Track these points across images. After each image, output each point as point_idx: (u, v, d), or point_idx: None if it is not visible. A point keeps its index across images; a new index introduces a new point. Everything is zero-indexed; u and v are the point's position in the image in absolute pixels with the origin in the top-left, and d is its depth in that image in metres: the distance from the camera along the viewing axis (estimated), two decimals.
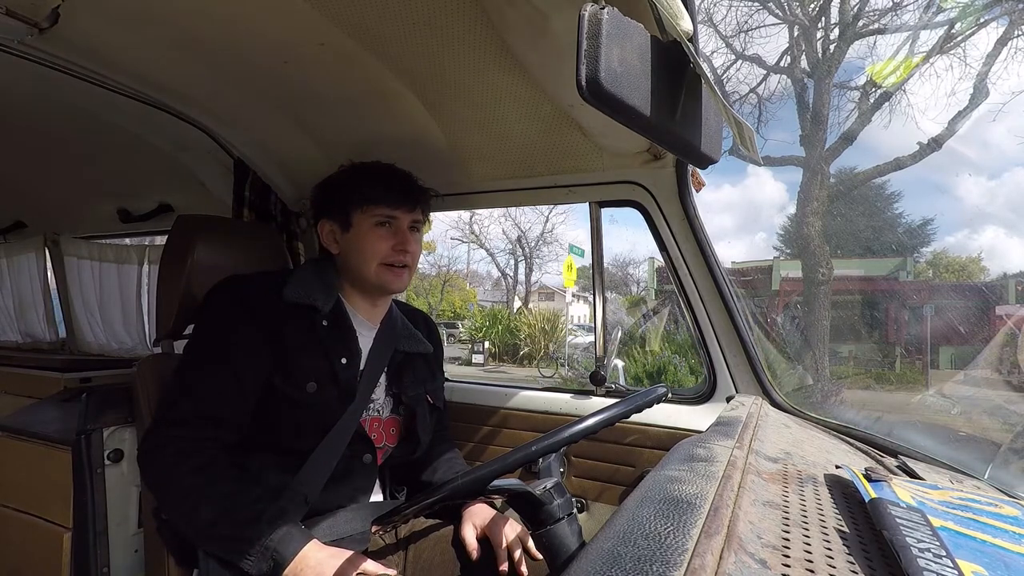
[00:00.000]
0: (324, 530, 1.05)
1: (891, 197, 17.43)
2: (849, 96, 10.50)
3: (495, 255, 22.61)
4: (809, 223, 9.39)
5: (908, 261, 16.55)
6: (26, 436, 1.25)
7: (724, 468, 0.65)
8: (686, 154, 0.79)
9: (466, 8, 0.97)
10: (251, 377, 1.05)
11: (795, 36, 10.33)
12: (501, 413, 1.63)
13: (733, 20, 11.26)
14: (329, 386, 1.10)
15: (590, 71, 0.55)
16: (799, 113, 10.17)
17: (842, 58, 9.93)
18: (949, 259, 21.20)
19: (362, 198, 1.14)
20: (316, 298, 1.11)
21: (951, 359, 11.57)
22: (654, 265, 19.79)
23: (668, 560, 0.43)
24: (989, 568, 0.48)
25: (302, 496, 1.05)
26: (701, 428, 1.09)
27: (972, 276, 19.92)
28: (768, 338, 1.69)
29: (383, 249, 1.14)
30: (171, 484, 0.98)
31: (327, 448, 1.08)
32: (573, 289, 14.33)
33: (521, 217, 21.16)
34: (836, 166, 10.10)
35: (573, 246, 13.22)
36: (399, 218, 1.16)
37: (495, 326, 14.74)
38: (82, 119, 1.57)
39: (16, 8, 1.01)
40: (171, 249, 1.25)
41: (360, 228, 1.15)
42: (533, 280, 23.17)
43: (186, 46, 1.18)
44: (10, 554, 1.24)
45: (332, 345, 1.12)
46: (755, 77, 11.58)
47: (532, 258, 22.29)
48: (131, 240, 3.00)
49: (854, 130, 9.93)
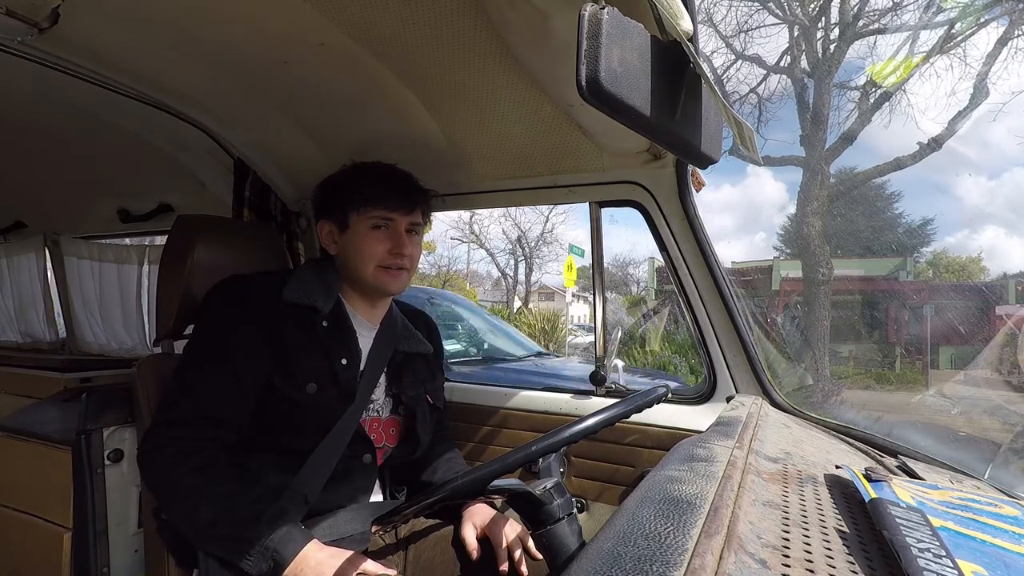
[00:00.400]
0: (324, 530, 1.05)
1: (891, 197, 17.46)
2: (849, 96, 10.52)
3: (495, 255, 22.58)
4: (809, 223, 9.39)
5: (908, 261, 16.57)
6: (26, 436, 1.25)
7: (724, 468, 0.65)
8: (686, 154, 0.79)
9: (466, 8, 0.97)
10: (251, 377, 1.05)
11: (795, 36, 10.34)
12: (501, 413, 1.63)
13: (733, 20, 11.27)
14: (329, 387, 1.10)
15: (590, 71, 0.55)
16: (799, 113, 10.18)
17: (842, 58, 9.93)
18: (949, 259, 21.32)
19: (359, 199, 1.13)
20: (316, 299, 1.11)
21: (951, 359, 11.57)
22: (654, 265, 19.78)
23: (668, 560, 0.43)
24: (989, 568, 0.48)
25: (302, 496, 1.05)
26: (701, 428, 1.09)
27: (972, 276, 19.97)
28: (768, 338, 1.69)
29: (379, 252, 1.14)
30: (171, 484, 0.98)
31: (327, 448, 1.08)
32: (573, 289, 14.31)
33: (521, 217, 21.13)
34: (836, 166, 10.15)
35: (573, 246, 13.19)
36: (396, 220, 1.16)
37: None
38: (82, 119, 1.57)
39: (16, 8, 1.01)
40: (171, 249, 1.25)
41: (357, 230, 1.14)
42: (533, 280, 23.16)
43: (186, 46, 1.18)
44: (10, 554, 1.24)
45: (332, 346, 1.12)
46: (755, 77, 11.59)
47: (532, 258, 22.28)
48: (131, 240, 3.00)
49: (854, 130, 9.93)
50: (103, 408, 1.20)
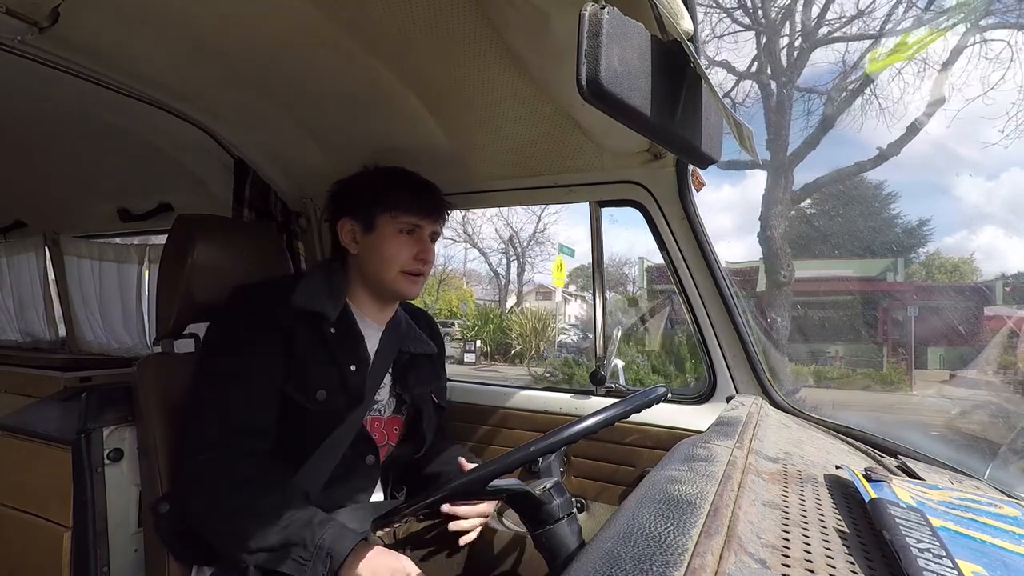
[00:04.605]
0: None
1: (887, 198, 17.53)
2: (814, 102, 10.68)
3: (488, 255, 22.50)
4: (773, 226, 9.48)
5: (898, 262, 16.72)
6: (26, 435, 1.25)
7: (724, 468, 0.65)
8: (686, 153, 0.79)
9: (467, 7, 0.97)
10: (272, 384, 1.05)
11: (762, 43, 10.48)
12: (501, 413, 1.63)
13: (706, 27, 11.33)
14: (338, 393, 1.10)
15: (590, 71, 0.55)
16: (765, 117, 10.32)
17: (804, 64, 10.15)
18: (943, 260, 21.69)
19: (390, 203, 1.14)
20: (323, 305, 1.10)
21: (940, 359, 11.59)
22: (644, 265, 19.77)
23: (668, 560, 0.43)
24: (989, 568, 0.48)
25: (303, 494, 1.05)
26: (701, 428, 1.09)
27: (964, 277, 20.19)
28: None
29: (405, 256, 1.15)
30: (216, 510, 0.96)
31: (329, 448, 1.08)
32: (571, 288, 14.28)
33: (513, 217, 21.11)
34: (799, 169, 10.28)
35: (563, 246, 13.14)
36: (424, 227, 1.17)
37: (487, 325, 14.69)
38: (82, 118, 1.57)
39: (16, 7, 1.01)
40: (171, 248, 1.25)
41: (384, 232, 1.14)
42: (529, 279, 23.10)
43: (187, 45, 1.18)
44: (10, 553, 1.24)
45: (341, 352, 1.11)
46: (729, 82, 11.64)
47: (524, 257, 22.22)
48: (126, 240, 3.00)
49: (816, 136, 10.06)
50: (103, 407, 1.20)
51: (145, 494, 1.19)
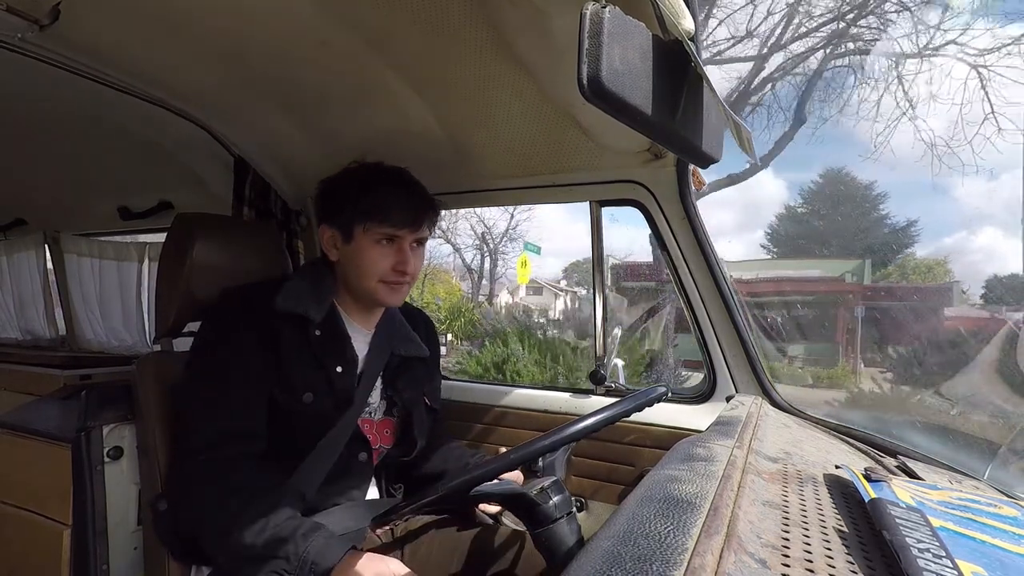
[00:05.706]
0: None
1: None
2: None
3: (461, 251, 22.44)
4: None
5: (865, 263, 17.18)
6: (26, 433, 1.25)
7: (724, 468, 0.65)
8: (687, 153, 0.79)
9: (468, 7, 0.97)
10: (262, 386, 1.05)
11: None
12: (500, 412, 1.63)
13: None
14: (325, 395, 1.09)
15: (591, 70, 0.55)
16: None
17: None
18: (916, 261, 22.71)
19: (365, 215, 1.09)
20: (308, 308, 1.09)
21: (895, 357, 11.84)
22: (609, 263, 19.81)
23: (668, 559, 0.43)
24: (988, 568, 0.48)
25: (299, 494, 1.05)
26: (701, 428, 1.09)
27: (938, 278, 20.94)
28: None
29: (384, 267, 1.11)
30: (208, 514, 0.96)
31: (324, 449, 1.08)
32: (563, 283, 14.16)
33: (486, 213, 21.05)
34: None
35: (528, 243, 12.92)
36: (403, 237, 1.13)
37: (458, 319, 14.65)
38: (82, 116, 1.57)
39: (17, 4, 1.01)
40: (170, 247, 1.24)
41: (361, 243, 1.11)
42: (501, 275, 23.07)
43: (187, 43, 1.18)
44: (9, 551, 1.24)
45: (326, 354, 1.11)
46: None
47: (496, 253, 22.22)
48: (131, 237, 3.00)
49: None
50: (103, 405, 1.20)
51: (145, 492, 1.19)
